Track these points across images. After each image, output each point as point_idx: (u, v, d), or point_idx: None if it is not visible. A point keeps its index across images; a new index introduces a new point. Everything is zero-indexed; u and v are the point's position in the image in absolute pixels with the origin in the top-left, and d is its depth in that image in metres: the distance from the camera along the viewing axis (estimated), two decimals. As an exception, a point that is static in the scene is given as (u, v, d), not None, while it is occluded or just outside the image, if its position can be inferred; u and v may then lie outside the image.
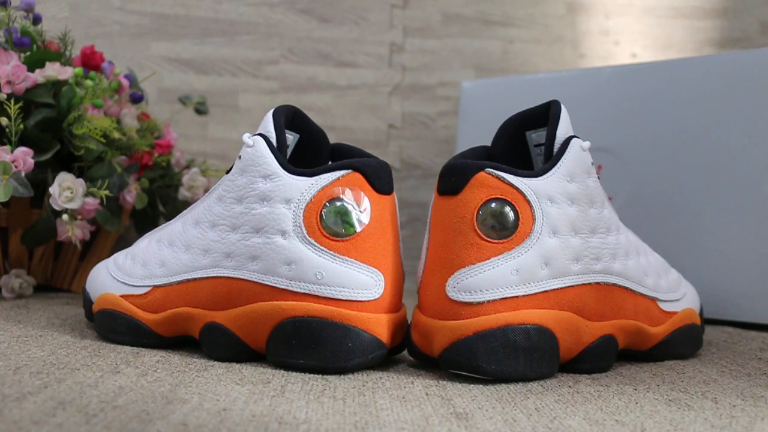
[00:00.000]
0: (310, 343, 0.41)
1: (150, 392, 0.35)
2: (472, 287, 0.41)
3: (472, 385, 0.40)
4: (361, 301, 0.41)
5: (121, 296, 0.48)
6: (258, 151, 0.43)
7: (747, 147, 0.66)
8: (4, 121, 0.62)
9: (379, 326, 0.42)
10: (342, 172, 0.42)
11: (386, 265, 0.43)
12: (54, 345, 0.46)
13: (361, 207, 0.42)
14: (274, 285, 0.42)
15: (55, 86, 0.68)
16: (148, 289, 0.47)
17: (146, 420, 0.31)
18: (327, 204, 0.42)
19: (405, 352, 0.49)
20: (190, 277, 0.45)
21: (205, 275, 0.44)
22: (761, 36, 1.08)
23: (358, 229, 0.42)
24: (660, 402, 0.37)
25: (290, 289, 0.41)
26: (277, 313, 0.41)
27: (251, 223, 0.42)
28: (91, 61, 0.74)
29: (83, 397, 0.34)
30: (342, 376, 0.41)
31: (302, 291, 0.41)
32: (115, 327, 0.48)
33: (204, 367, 0.42)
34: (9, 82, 0.63)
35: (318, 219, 0.41)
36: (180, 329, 0.46)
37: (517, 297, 0.41)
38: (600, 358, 0.45)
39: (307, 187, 0.42)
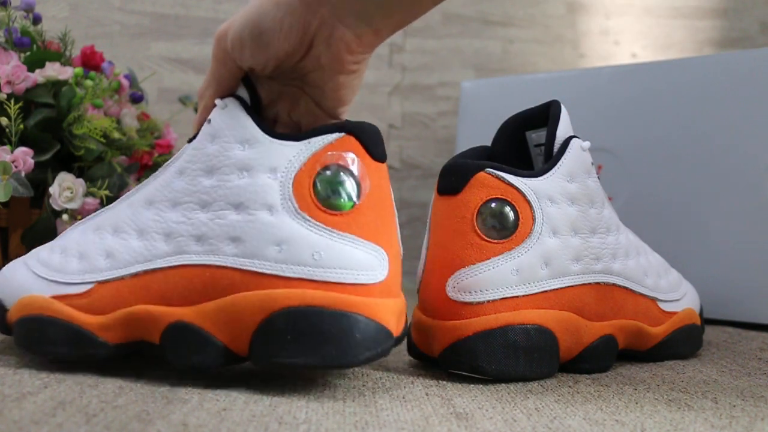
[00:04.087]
0: (310, 338, 0.35)
1: (150, 392, 0.35)
2: (472, 287, 0.41)
3: (472, 385, 0.40)
4: (366, 285, 0.36)
5: (53, 297, 0.39)
6: (232, 113, 0.38)
7: (747, 147, 0.66)
8: (4, 121, 0.62)
9: (387, 313, 0.36)
10: (334, 136, 0.37)
11: (389, 241, 0.37)
12: (54, 345, 0.46)
13: (359, 174, 0.37)
14: (260, 271, 0.35)
15: (55, 86, 0.68)
16: (90, 286, 0.39)
17: (146, 420, 0.31)
18: (320, 172, 0.36)
19: (405, 353, 0.49)
20: (147, 268, 0.37)
21: (167, 264, 0.37)
22: (761, 36, 1.08)
23: (357, 200, 0.36)
24: (660, 402, 0.37)
25: (281, 274, 0.35)
26: (265, 304, 0.35)
27: (227, 198, 0.36)
28: (91, 61, 0.74)
29: (83, 397, 0.34)
30: (342, 376, 0.41)
31: (296, 276, 0.35)
32: (46, 337, 0.38)
33: (204, 367, 0.42)
34: (9, 82, 0.63)
35: (311, 189, 0.36)
36: (134, 333, 0.38)
37: (517, 297, 0.41)
38: (600, 358, 0.45)
39: (295, 153, 0.36)
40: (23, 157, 0.60)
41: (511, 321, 0.41)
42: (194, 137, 0.39)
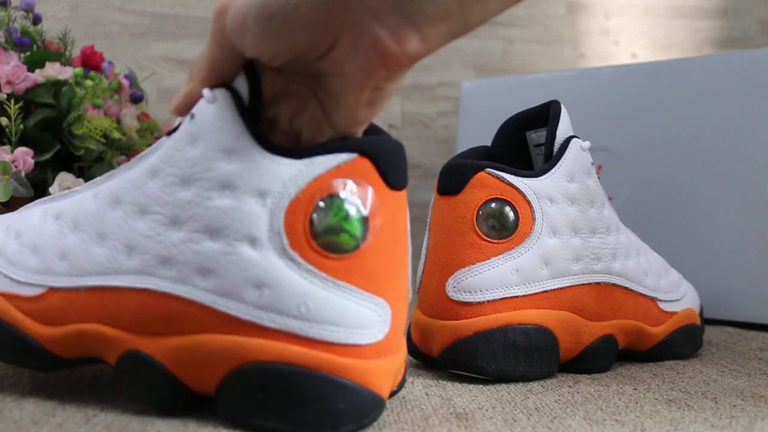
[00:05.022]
0: (285, 401, 0.29)
1: (150, 392, 0.35)
2: (472, 287, 0.41)
3: (472, 385, 0.40)
4: (359, 346, 0.30)
5: (1, 294, 0.33)
6: (221, 111, 0.30)
7: (747, 147, 0.66)
8: (4, 121, 0.62)
9: (379, 377, 0.30)
10: (344, 157, 0.30)
11: (396, 291, 0.31)
12: (54, 345, 0.46)
13: (369, 209, 0.30)
14: (235, 314, 0.29)
15: (55, 86, 0.68)
16: (41, 290, 0.32)
17: (146, 420, 0.31)
18: (321, 203, 0.29)
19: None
20: (105, 284, 0.31)
21: (129, 284, 0.31)
22: (761, 36, 1.08)
23: (362, 241, 0.30)
24: (660, 402, 0.37)
25: (258, 322, 0.29)
26: (236, 354, 0.29)
27: (203, 220, 0.30)
28: (91, 61, 0.75)
29: (83, 397, 0.34)
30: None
31: (276, 327, 0.29)
32: None
33: (204, 367, 0.42)
34: (9, 82, 0.63)
35: (306, 224, 0.29)
36: (88, 351, 0.32)
37: (517, 297, 0.41)
38: (600, 358, 0.45)
39: (292, 175, 0.29)
40: (23, 157, 0.60)
41: (510, 321, 0.41)
42: (174, 129, 0.32)
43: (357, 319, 0.30)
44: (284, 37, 0.28)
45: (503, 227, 0.41)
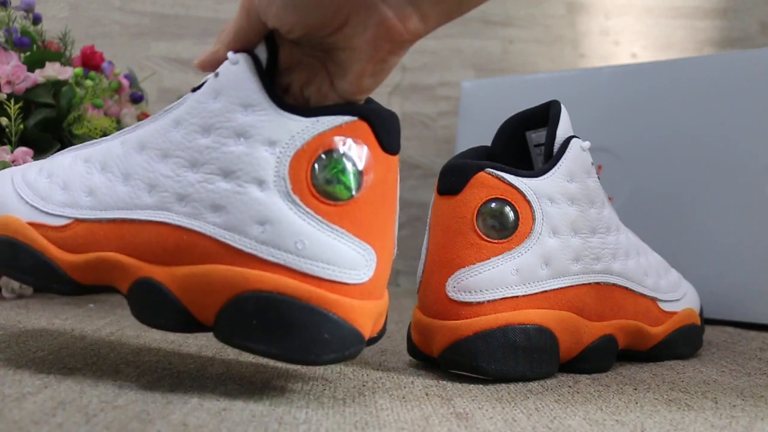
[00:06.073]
0: (276, 327, 0.33)
1: (150, 392, 0.35)
2: (472, 287, 0.41)
3: (472, 385, 0.40)
4: (345, 284, 0.33)
5: (29, 223, 0.37)
6: (242, 72, 0.35)
7: (747, 147, 0.66)
8: (4, 121, 0.62)
9: (362, 316, 0.34)
10: (346, 118, 0.34)
11: (381, 241, 0.35)
12: (54, 345, 0.46)
13: (363, 165, 0.34)
14: (239, 247, 0.33)
15: (55, 86, 0.68)
16: (67, 221, 0.37)
17: (146, 420, 0.31)
18: (322, 155, 0.34)
19: (405, 353, 0.49)
20: (126, 217, 0.35)
21: (147, 218, 0.35)
22: (761, 36, 1.08)
23: (356, 193, 0.34)
24: (660, 402, 0.37)
25: (259, 255, 0.33)
26: (237, 283, 0.33)
27: (219, 163, 0.34)
28: (91, 61, 0.75)
29: (83, 397, 0.34)
30: (342, 376, 0.41)
31: (274, 260, 0.33)
32: (16, 262, 0.37)
33: (204, 367, 0.42)
34: (9, 82, 0.63)
35: (308, 172, 0.33)
36: (103, 278, 0.37)
37: (517, 297, 0.41)
38: (600, 358, 0.45)
39: (300, 129, 0.34)
40: (23, 157, 0.60)
41: (511, 321, 0.41)
42: (199, 87, 0.36)
43: (346, 260, 0.33)
44: (303, 11, 0.33)
45: (503, 227, 0.41)
